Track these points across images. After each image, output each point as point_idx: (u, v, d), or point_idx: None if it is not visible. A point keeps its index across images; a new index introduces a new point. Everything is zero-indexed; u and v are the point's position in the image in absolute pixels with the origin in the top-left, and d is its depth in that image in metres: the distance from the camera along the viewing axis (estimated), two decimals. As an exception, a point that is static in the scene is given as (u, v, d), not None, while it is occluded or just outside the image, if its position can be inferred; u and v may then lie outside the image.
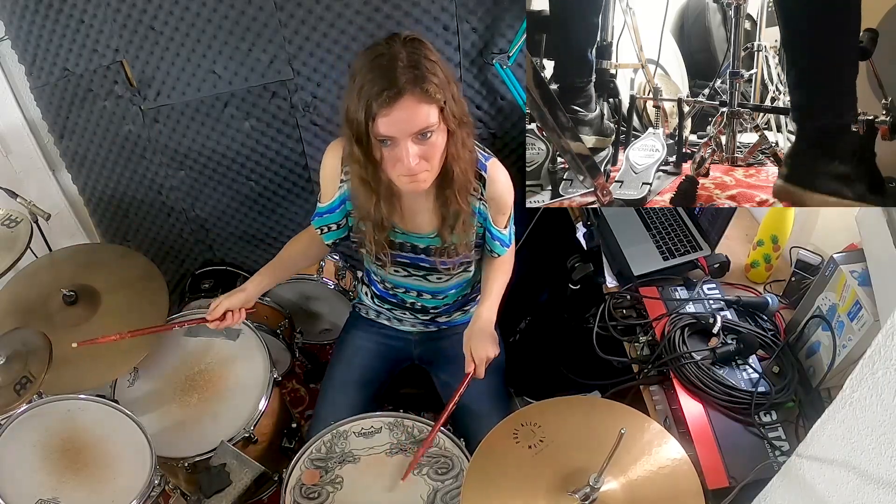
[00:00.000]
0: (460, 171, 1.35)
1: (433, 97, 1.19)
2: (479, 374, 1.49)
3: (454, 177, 1.35)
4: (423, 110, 1.19)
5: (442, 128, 1.25)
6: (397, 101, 1.17)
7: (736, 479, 1.19)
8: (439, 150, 1.27)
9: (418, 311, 1.73)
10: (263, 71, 2.05)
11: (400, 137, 1.22)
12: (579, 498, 1.07)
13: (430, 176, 1.31)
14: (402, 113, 1.18)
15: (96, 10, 1.91)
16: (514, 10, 1.99)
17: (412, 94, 1.17)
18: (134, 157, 2.23)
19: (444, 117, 1.23)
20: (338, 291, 2.31)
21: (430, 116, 1.21)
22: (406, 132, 1.21)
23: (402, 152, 1.23)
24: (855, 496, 0.82)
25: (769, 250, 1.58)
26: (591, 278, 1.78)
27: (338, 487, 1.41)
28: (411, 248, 1.54)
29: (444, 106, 1.22)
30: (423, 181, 1.30)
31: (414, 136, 1.22)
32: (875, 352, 0.75)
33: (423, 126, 1.21)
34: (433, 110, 1.21)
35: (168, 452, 1.57)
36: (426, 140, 1.23)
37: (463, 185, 1.38)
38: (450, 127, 1.26)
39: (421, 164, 1.25)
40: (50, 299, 1.72)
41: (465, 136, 1.32)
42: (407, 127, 1.20)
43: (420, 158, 1.24)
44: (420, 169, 1.26)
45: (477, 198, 1.45)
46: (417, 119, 1.20)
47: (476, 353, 1.48)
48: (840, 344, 1.27)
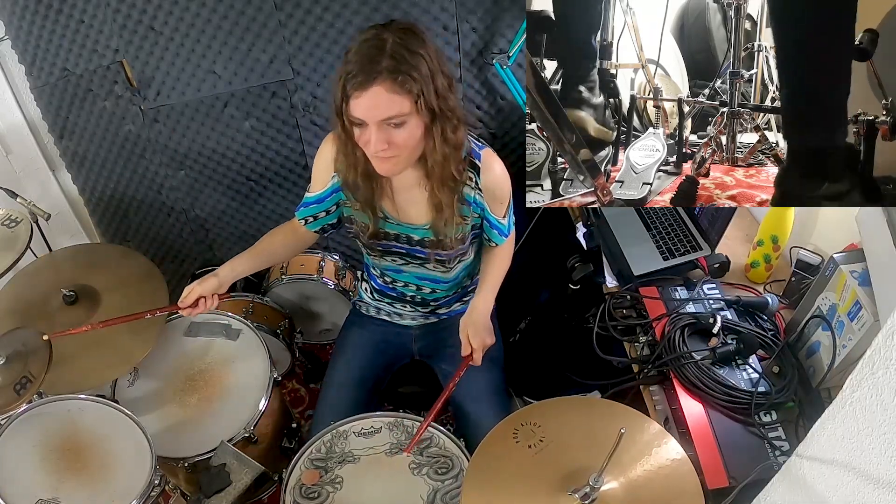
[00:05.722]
0: (435, 163, 1.35)
1: (405, 88, 1.21)
2: (476, 361, 1.51)
3: (430, 167, 1.37)
4: (394, 100, 1.22)
5: (416, 119, 1.27)
6: (368, 87, 1.20)
7: (736, 479, 1.19)
8: (410, 140, 1.29)
9: (418, 304, 1.74)
10: (263, 71, 2.05)
11: (368, 122, 1.24)
12: (579, 498, 1.06)
13: (402, 161, 1.33)
14: (371, 100, 1.21)
15: (96, 10, 1.91)
16: (514, 10, 2.00)
17: (383, 83, 1.20)
18: (134, 157, 2.23)
19: (417, 109, 1.25)
20: (338, 291, 2.31)
21: (400, 106, 1.23)
22: (374, 118, 1.23)
23: (369, 136, 1.25)
24: (855, 496, 0.82)
25: (769, 250, 1.58)
26: (591, 278, 1.78)
27: (338, 487, 1.41)
28: (406, 239, 1.55)
29: (420, 98, 1.23)
30: (395, 164, 1.33)
31: (381, 123, 1.24)
32: (875, 352, 0.75)
33: (390, 115, 1.23)
34: (404, 101, 1.22)
35: (168, 452, 1.57)
36: (395, 128, 1.25)
37: (440, 178, 1.39)
38: (425, 120, 1.28)
39: (387, 150, 1.27)
40: (50, 299, 1.72)
41: (449, 130, 1.32)
42: (375, 113, 1.23)
43: (387, 144, 1.26)
44: (385, 154, 1.29)
45: (472, 187, 1.46)
46: (386, 107, 1.22)
47: (473, 339, 1.50)
48: (840, 344, 1.27)
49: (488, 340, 1.52)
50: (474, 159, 1.44)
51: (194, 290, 1.51)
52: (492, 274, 1.62)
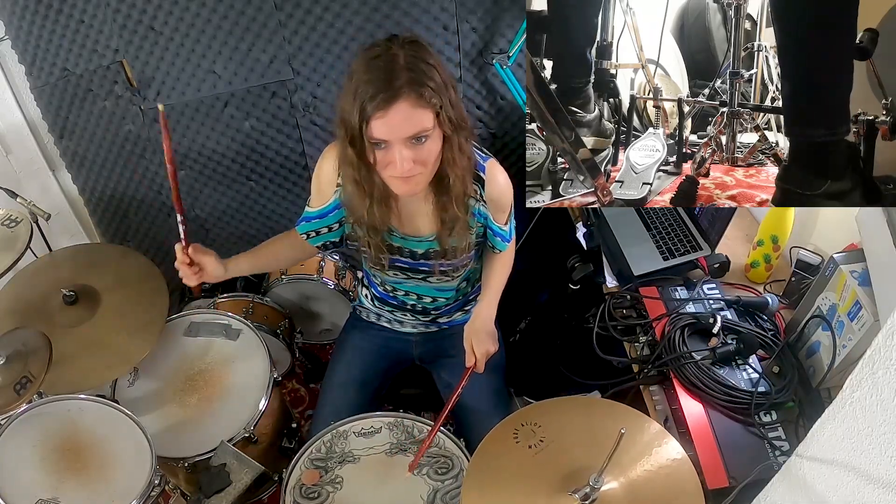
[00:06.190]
0: (456, 177, 1.32)
1: (429, 102, 1.18)
2: (478, 369, 1.51)
3: (450, 183, 1.33)
4: (418, 115, 1.18)
5: (437, 132, 1.23)
6: (392, 104, 1.15)
7: (736, 479, 1.19)
8: (433, 155, 1.26)
9: (419, 313, 1.73)
10: (263, 71, 2.05)
11: (393, 141, 1.20)
12: (579, 498, 1.06)
13: (424, 179, 1.29)
14: (397, 117, 1.17)
15: (96, 10, 1.91)
16: (514, 10, 1.99)
17: (407, 98, 1.16)
18: (134, 157, 2.23)
19: (440, 122, 1.22)
20: (338, 291, 2.31)
21: (424, 121, 1.19)
22: (400, 136, 1.19)
23: (395, 156, 1.21)
24: (855, 496, 0.82)
25: (769, 250, 1.58)
26: (591, 278, 1.78)
27: (338, 487, 1.41)
28: (410, 253, 1.53)
29: (441, 111, 1.20)
30: (417, 184, 1.29)
31: (407, 141, 1.20)
32: (875, 352, 0.75)
33: (417, 131, 1.19)
34: (428, 115, 1.19)
35: (168, 452, 1.57)
36: (420, 144, 1.22)
37: (459, 193, 1.36)
38: (445, 132, 1.24)
39: (414, 167, 1.23)
40: (50, 299, 1.71)
41: (462, 141, 1.29)
42: (401, 131, 1.19)
43: (413, 162, 1.23)
44: (413, 172, 1.24)
45: (476, 199, 1.44)
46: (412, 123, 1.18)
47: (477, 349, 1.50)
48: (840, 344, 1.27)
49: (492, 349, 1.51)
50: (478, 171, 1.42)
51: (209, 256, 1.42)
52: (494, 279, 1.61)
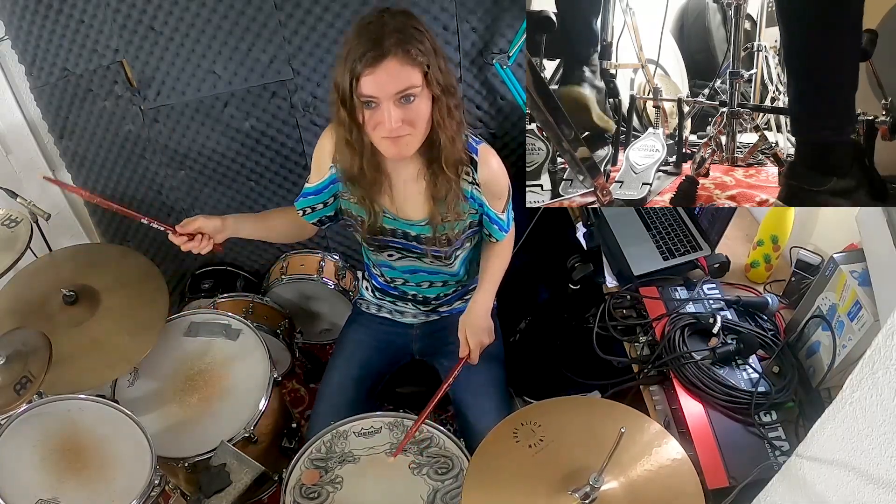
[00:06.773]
0: (447, 139, 1.35)
1: (416, 60, 1.22)
2: (472, 360, 1.51)
3: (441, 145, 1.35)
4: (406, 72, 1.22)
5: (426, 93, 1.27)
6: (381, 61, 1.20)
7: (736, 479, 1.19)
8: (423, 116, 1.29)
9: (419, 303, 1.74)
10: (263, 71, 2.05)
11: (382, 98, 1.23)
12: (579, 497, 1.07)
13: (413, 140, 1.32)
14: (385, 73, 1.21)
15: (96, 10, 1.91)
16: (514, 10, 2.00)
17: (395, 55, 1.20)
18: (134, 157, 2.23)
19: (428, 81, 1.25)
20: (338, 291, 2.31)
21: (412, 78, 1.23)
22: (388, 93, 1.23)
23: (384, 115, 1.24)
24: (855, 496, 0.82)
25: (769, 250, 1.58)
26: (591, 278, 1.78)
27: (338, 487, 1.41)
28: (403, 234, 1.55)
29: (428, 70, 1.24)
30: (406, 146, 1.31)
31: (396, 99, 1.24)
32: (875, 352, 0.75)
33: (405, 87, 1.23)
34: (416, 73, 1.23)
35: (168, 452, 1.57)
36: (409, 104, 1.25)
37: (451, 156, 1.38)
38: (434, 92, 1.28)
39: (403, 127, 1.27)
40: (50, 299, 1.71)
41: (452, 106, 1.32)
42: (390, 87, 1.22)
43: (402, 122, 1.26)
44: (401, 132, 1.27)
45: (469, 181, 1.45)
46: (400, 80, 1.22)
47: (471, 339, 1.51)
48: (840, 344, 1.27)
49: (486, 340, 1.52)
50: (471, 154, 1.44)
51: (197, 220, 1.45)
52: (491, 271, 1.62)
